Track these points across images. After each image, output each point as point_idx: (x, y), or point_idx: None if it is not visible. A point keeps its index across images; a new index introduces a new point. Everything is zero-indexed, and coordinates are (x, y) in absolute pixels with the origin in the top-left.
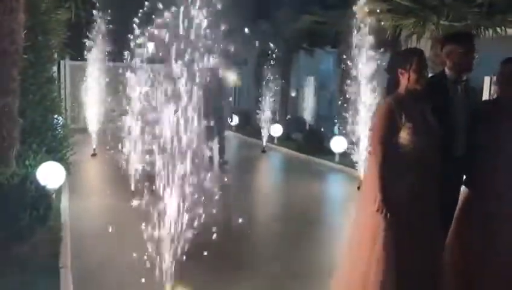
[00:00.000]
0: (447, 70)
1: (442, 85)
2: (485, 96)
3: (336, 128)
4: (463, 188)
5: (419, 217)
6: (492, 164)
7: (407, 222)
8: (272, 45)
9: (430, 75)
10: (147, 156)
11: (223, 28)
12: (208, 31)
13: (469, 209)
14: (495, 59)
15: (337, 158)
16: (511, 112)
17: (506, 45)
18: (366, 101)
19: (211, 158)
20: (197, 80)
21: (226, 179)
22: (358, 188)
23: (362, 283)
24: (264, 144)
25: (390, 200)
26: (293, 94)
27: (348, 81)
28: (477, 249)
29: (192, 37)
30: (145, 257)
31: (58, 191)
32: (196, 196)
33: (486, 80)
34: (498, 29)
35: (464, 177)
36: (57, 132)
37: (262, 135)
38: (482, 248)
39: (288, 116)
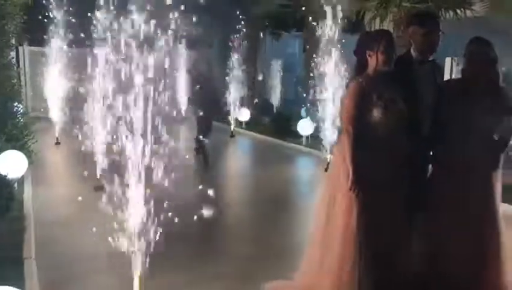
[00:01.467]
0: (412, 51)
1: (409, 66)
2: (446, 76)
3: (303, 111)
4: (431, 165)
5: (389, 196)
6: (458, 140)
7: (379, 201)
8: (237, 28)
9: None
10: (113, 144)
11: (185, 9)
12: (171, 12)
13: (437, 185)
14: (455, 41)
15: (304, 141)
16: (475, 90)
17: (466, 27)
18: (331, 84)
19: (198, 151)
20: (166, 64)
21: (196, 165)
22: (326, 169)
23: (338, 264)
24: (232, 128)
25: (363, 178)
26: (260, 78)
27: (314, 64)
28: (447, 223)
29: (155, 18)
30: (112, 245)
31: (21, 180)
32: (165, 182)
33: (448, 60)
34: (458, 11)
35: (432, 154)
36: (17, 119)
37: (230, 119)
38: (451, 222)
39: (256, 100)
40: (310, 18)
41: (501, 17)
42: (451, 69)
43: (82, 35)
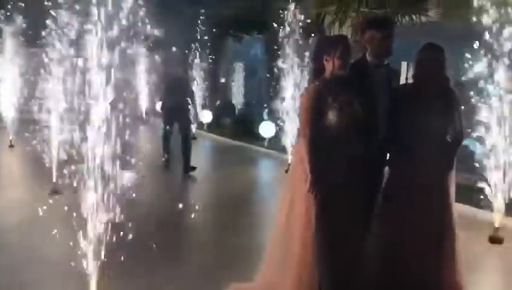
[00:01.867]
0: (368, 56)
1: (365, 70)
2: (402, 80)
3: (264, 113)
4: (387, 168)
5: (347, 197)
6: (412, 143)
7: (337, 203)
8: (200, 30)
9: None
10: (68, 146)
11: (147, 12)
12: (132, 14)
13: (393, 187)
14: (411, 45)
15: (266, 143)
16: (426, 94)
17: (421, 32)
18: (292, 86)
19: (167, 163)
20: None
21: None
22: (287, 171)
23: (298, 265)
24: (194, 130)
25: (321, 180)
26: (223, 80)
27: (275, 67)
28: (403, 224)
29: (115, 19)
30: (68, 251)
31: None
32: (124, 186)
33: (404, 65)
34: (414, 16)
35: (388, 157)
36: None
37: (192, 121)
38: (407, 223)
39: (218, 102)
40: (272, 21)
41: (454, 22)
42: (407, 74)
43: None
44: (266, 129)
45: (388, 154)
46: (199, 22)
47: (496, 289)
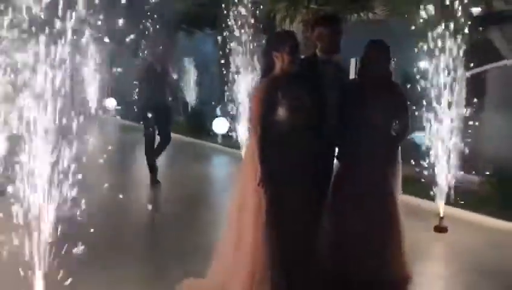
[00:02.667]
0: (317, 52)
1: (314, 66)
2: (351, 76)
3: (217, 109)
4: (336, 161)
5: (298, 191)
6: (357, 136)
7: (287, 196)
8: (150, 24)
9: (302, 56)
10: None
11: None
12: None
13: (342, 180)
14: (359, 42)
15: (219, 139)
16: (370, 89)
17: (369, 29)
18: (244, 82)
19: (155, 178)
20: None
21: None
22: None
23: (250, 262)
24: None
25: (270, 175)
26: (175, 76)
27: (227, 63)
28: (351, 217)
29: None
30: (15, 253)
31: None
32: (74, 183)
33: (352, 61)
34: (362, 14)
35: (336, 151)
36: None
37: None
38: (354, 216)
39: (170, 98)
40: (224, 17)
41: (399, 20)
42: (355, 70)
43: None
44: (219, 125)
45: (337, 149)
46: (149, 15)
47: (442, 277)
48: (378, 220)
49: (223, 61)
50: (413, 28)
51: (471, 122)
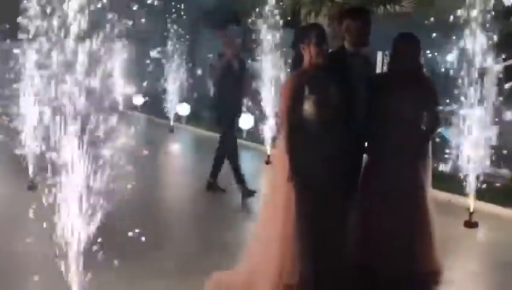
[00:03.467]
0: (346, 45)
1: (342, 59)
2: (378, 69)
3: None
4: (365, 155)
5: (327, 185)
6: (387, 131)
7: (316, 191)
8: (175, 22)
9: (329, 50)
10: (47, 142)
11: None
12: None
13: (371, 175)
14: (386, 35)
15: (244, 135)
16: (400, 83)
17: (396, 22)
18: (271, 77)
19: (210, 185)
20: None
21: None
22: (267, 162)
23: (278, 257)
24: (172, 123)
25: (299, 169)
26: (199, 72)
27: (252, 58)
28: (380, 212)
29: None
30: (50, 245)
31: None
32: (102, 180)
33: (379, 54)
34: (388, 6)
35: (366, 145)
36: None
37: (169, 114)
38: (384, 211)
39: (195, 95)
40: (249, 12)
41: (428, 13)
42: (382, 63)
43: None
44: (245, 121)
45: (366, 143)
46: (176, 13)
47: (472, 273)
48: (408, 215)
49: (247, 57)
50: (442, 20)
51: (501, 116)
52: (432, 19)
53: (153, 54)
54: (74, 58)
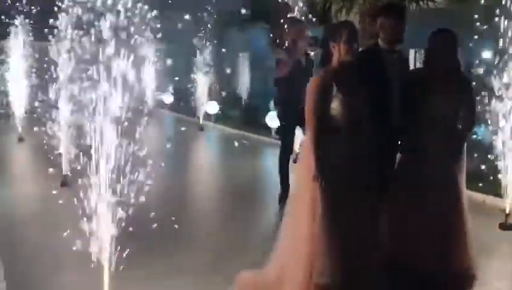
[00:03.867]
0: (380, 42)
1: (377, 56)
2: (411, 67)
3: (271, 103)
4: (398, 155)
5: (356, 187)
6: (423, 130)
7: (343, 191)
8: (205, 21)
9: (360, 48)
10: (79, 140)
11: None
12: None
13: (405, 174)
14: (420, 32)
15: (273, 133)
16: (438, 81)
17: (430, 18)
18: None
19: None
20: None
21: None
22: (294, 161)
23: (308, 253)
24: (201, 121)
25: (326, 169)
26: (228, 71)
27: (281, 57)
28: (413, 212)
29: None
30: (81, 241)
31: None
32: (134, 175)
33: (411, 52)
34: (421, 3)
35: (400, 144)
36: None
37: (198, 113)
38: (417, 211)
39: (224, 93)
40: (278, 10)
41: (461, 8)
42: (415, 60)
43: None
44: (273, 119)
45: (400, 142)
46: (204, 11)
47: (506, 276)
48: (442, 215)
49: (276, 55)
50: (476, 16)
51: None
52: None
53: (183, 53)
54: (107, 59)
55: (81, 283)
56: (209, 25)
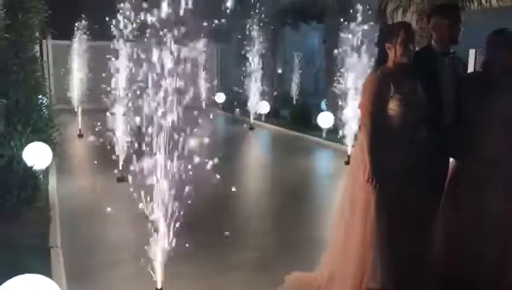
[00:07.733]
0: (433, 43)
1: (430, 58)
2: (470, 68)
3: (322, 104)
4: (452, 159)
5: (409, 189)
6: (482, 134)
7: (397, 194)
8: (256, 20)
9: (417, 48)
10: (135, 137)
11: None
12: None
13: (458, 180)
14: (480, 32)
15: (324, 134)
16: (497, 82)
17: (490, 18)
18: (352, 75)
19: None
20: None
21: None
22: (346, 163)
23: (360, 256)
24: (252, 121)
25: (380, 171)
26: (279, 70)
27: (334, 57)
28: (467, 219)
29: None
30: (136, 235)
31: (46, 171)
32: (187, 172)
33: (471, 52)
34: (483, 1)
35: (453, 148)
36: (41, 112)
37: (250, 112)
38: (471, 218)
39: (275, 93)
40: (331, 9)
41: None
42: (475, 61)
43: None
44: (324, 120)
45: (454, 146)
46: (256, 11)
47: None
48: (502, 224)
49: (329, 54)
50: None
51: None
52: None
53: (235, 53)
54: (163, 60)
55: (135, 276)
56: (261, 24)
